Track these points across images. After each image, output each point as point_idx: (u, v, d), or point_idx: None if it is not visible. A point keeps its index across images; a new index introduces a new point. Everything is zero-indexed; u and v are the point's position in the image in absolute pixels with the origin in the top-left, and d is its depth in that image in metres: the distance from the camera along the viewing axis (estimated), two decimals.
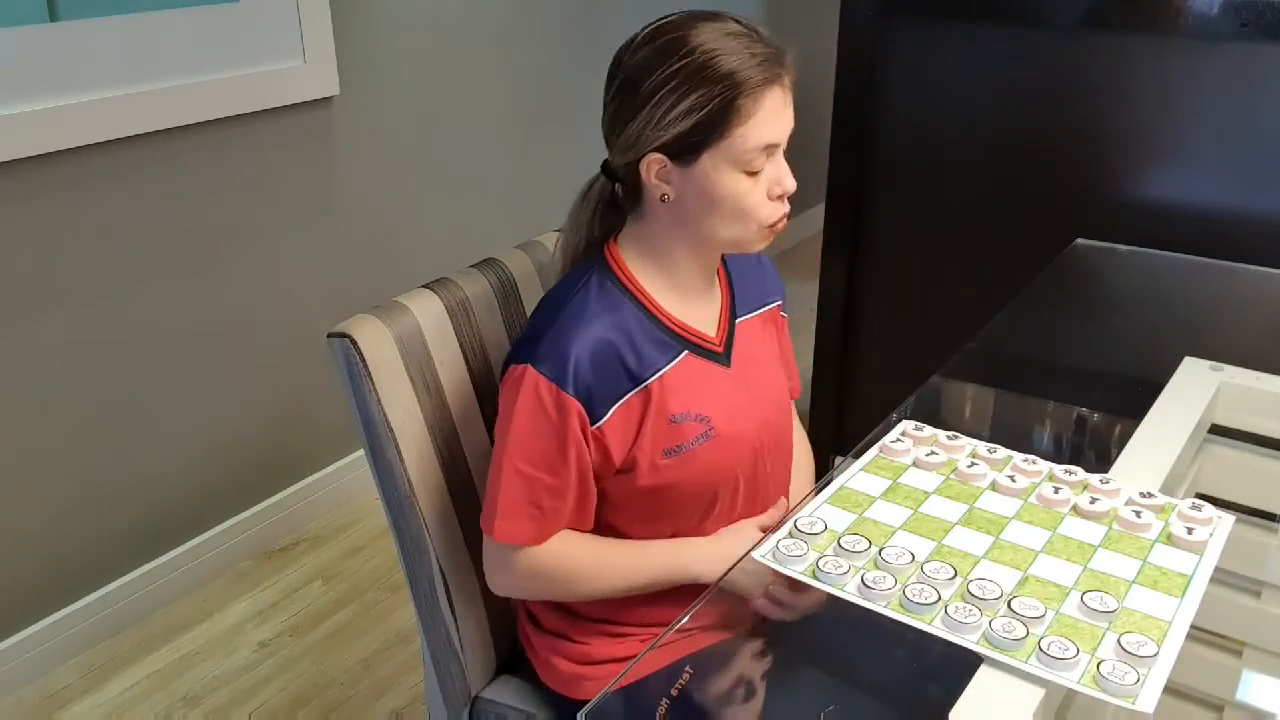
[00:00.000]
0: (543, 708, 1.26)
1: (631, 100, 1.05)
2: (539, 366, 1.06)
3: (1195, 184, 1.95)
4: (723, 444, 1.14)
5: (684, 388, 1.12)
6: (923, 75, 2.14)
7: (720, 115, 1.02)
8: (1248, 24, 1.80)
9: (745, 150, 1.04)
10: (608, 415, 1.08)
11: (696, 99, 1.02)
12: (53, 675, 1.98)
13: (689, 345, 1.13)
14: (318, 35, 2.17)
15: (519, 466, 1.08)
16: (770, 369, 1.24)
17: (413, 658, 2.03)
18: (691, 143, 1.04)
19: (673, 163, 1.05)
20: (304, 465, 2.44)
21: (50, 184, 1.82)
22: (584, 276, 1.12)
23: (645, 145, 1.05)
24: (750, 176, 1.06)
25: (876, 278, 2.35)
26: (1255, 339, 1.56)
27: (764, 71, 1.03)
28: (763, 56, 1.03)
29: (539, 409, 1.06)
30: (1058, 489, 1.09)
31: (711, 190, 1.06)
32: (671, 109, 1.03)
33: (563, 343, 1.06)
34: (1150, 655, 0.86)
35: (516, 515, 1.09)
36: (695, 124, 1.03)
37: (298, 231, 2.28)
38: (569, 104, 2.95)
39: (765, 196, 1.07)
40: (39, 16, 1.73)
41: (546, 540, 1.11)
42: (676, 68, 1.02)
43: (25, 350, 1.85)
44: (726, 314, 1.19)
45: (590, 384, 1.06)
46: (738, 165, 1.04)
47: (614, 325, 1.09)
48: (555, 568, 1.13)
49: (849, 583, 0.96)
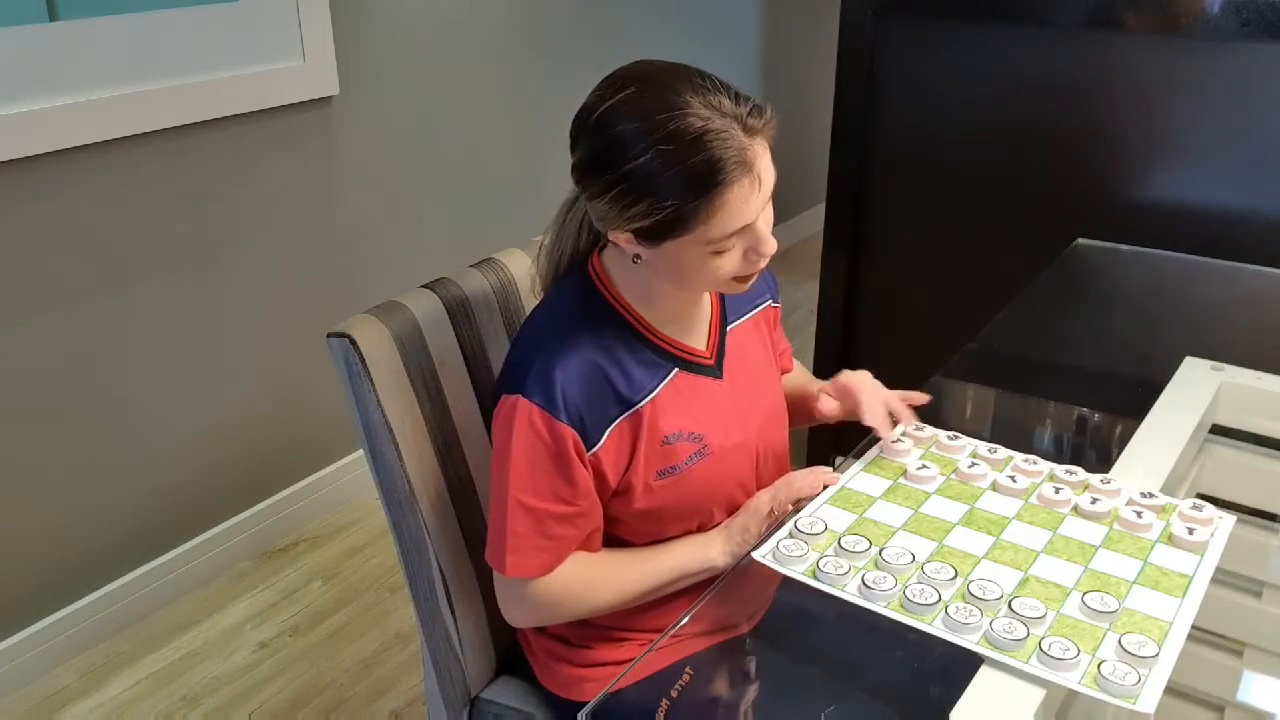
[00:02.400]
0: (542, 708, 1.26)
1: (601, 178, 1.00)
2: (531, 396, 1.04)
3: (1196, 184, 1.95)
4: (716, 460, 1.13)
5: (676, 407, 1.10)
6: (922, 75, 2.14)
7: (687, 215, 0.97)
8: (1248, 24, 1.80)
9: (712, 240, 0.99)
10: (601, 441, 1.06)
11: (663, 200, 0.97)
12: (52, 675, 1.98)
13: (679, 362, 1.12)
14: (317, 35, 2.17)
15: (523, 500, 1.06)
16: (764, 372, 1.23)
17: (413, 658, 2.02)
18: (653, 235, 1.00)
19: (638, 241, 1.02)
20: (304, 465, 2.44)
21: (50, 184, 1.82)
22: (570, 295, 1.11)
23: (610, 224, 1.02)
24: (721, 252, 1.01)
25: (876, 278, 2.35)
26: (1256, 339, 1.56)
27: (738, 166, 0.96)
28: (739, 145, 0.96)
29: (535, 439, 1.04)
30: (1058, 489, 1.09)
31: (678, 264, 1.03)
32: (637, 204, 0.98)
33: (551, 369, 1.04)
34: (1151, 656, 0.86)
35: (527, 550, 1.07)
36: (655, 223, 0.98)
37: (298, 231, 2.28)
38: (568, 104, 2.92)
39: (738, 261, 1.03)
40: (39, 16, 1.73)
41: (558, 568, 1.10)
42: (647, 160, 0.96)
43: (25, 349, 1.85)
44: (717, 323, 1.18)
45: (582, 410, 1.05)
46: (707, 248, 1.00)
47: (602, 348, 1.07)
48: (570, 589, 1.11)
49: (849, 583, 0.96)
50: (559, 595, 1.10)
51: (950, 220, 2.22)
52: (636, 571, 1.13)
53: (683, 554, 1.14)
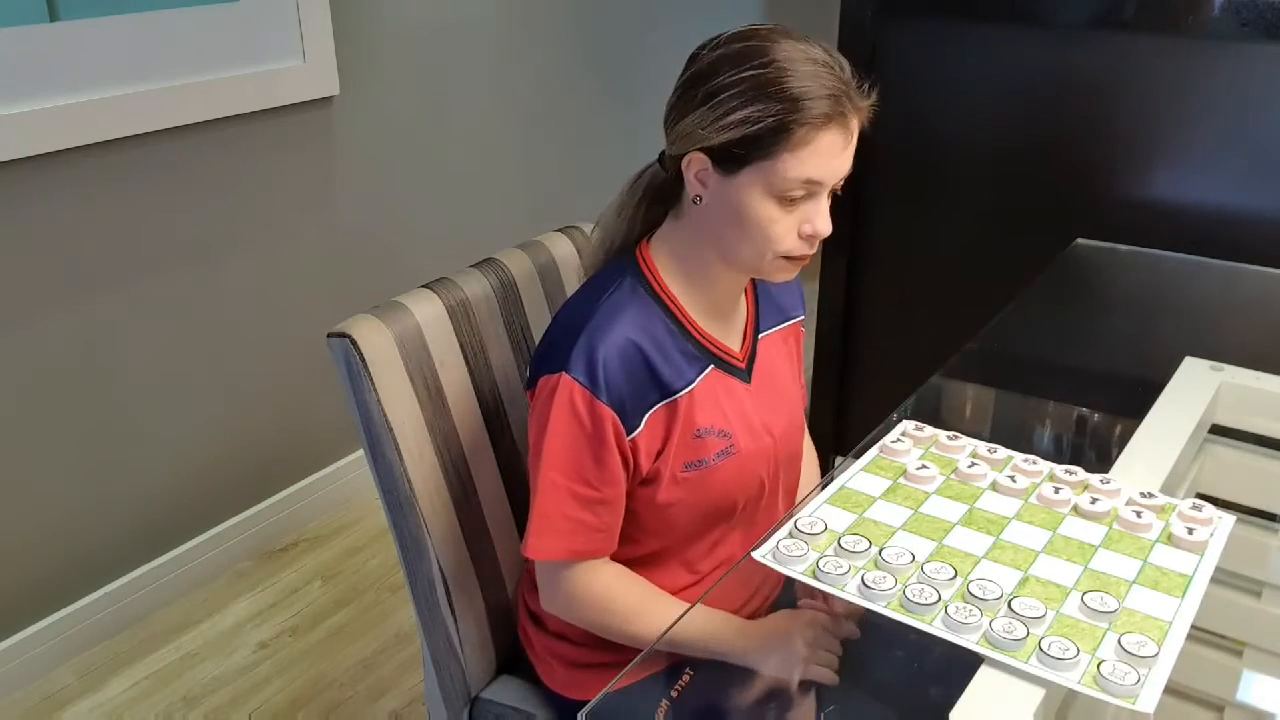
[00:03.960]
0: (542, 708, 1.26)
1: (694, 95, 1.02)
2: (573, 374, 1.03)
3: (1195, 184, 1.95)
4: (741, 460, 1.13)
5: (709, 402, 1.11)
6: (922, 75, 2.14)
7: (771, 136, 0.98)
8: (1248, 24, 1.80)
9: (785, 179, 0.99)
10: (640, 427, 1.06)
11: (753, 111, 0.98)
12: (52, 675, 1.98)
13: (715, 360, 1.12)
14: (317, 35, 2.17)
15: (555, 479, 1.05)
16: (788, 385, 1.23)
17: (413, 658, 2.03)
18: (736, 154, 1.00)
19: (714, 167, 1.02)
20: (304, 465, 2.44)
21: (50, 184, 1.82)
22: (617, 279, 1.10)
23: (694, 142, 1.02)
24: (783, 207, 1.01)
25: (876, 278, 2.35)
26: (1255, 339, 1.56)
27: (829, 106, 0.98)
28: (835, 92, 0.99)
29: (574, 419, 1.04)
30: (1058, 489, 1.09)
31: (740, 207, 1.02)
32: (727, 115, 0.99)
33: (595, 349, 1.04)
34: (1150, 655, 0.86)
35: (551, 531, 1.07)
36: (744, 136, 0.99)
37: (298, 231, 2.28)
38: (568, 103, 2.95)
39: (793, 230, 1.03)
40: (39, 16, 1.73)
41: (588, 559, 1.09)
42: (745, 75, 0.99)
43: (25, 349, 1.85)
44: (751, 329, 1.18)
45: (623, 392, 1.04)
46: (773, 191, 1.00)
47: (645, 333, 1.07)
48: (597, 597, 1.10)
49: (849, 583, 0.96)
50: (585, 595, 1.10)
51: (950, 220, 2.22)
52: (663, 614, 1.08)
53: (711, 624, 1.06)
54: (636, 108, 3.11)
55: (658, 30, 3.21)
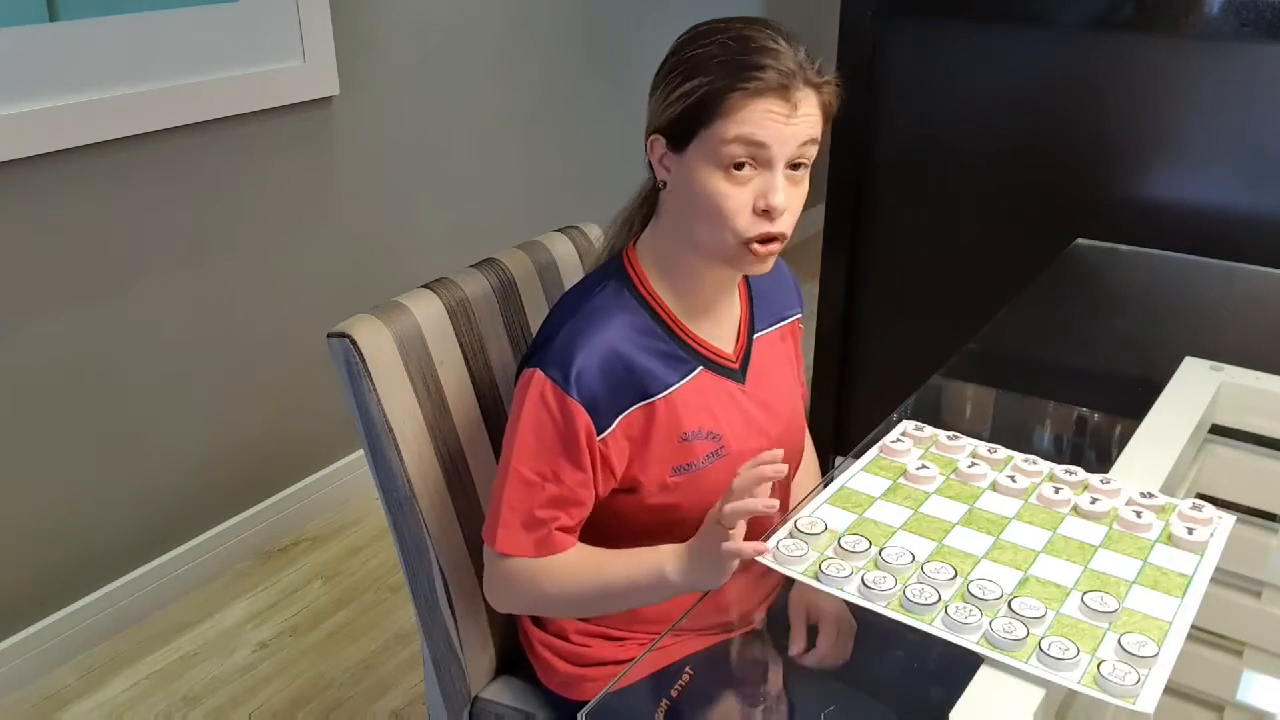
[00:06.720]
0: (542, 708, 1.26)
1: (663, 66, 1.06)
2: (547, 370, 1.04)
3: (1195, 184, 1.95)
4: (732, 462, 1.12)
5: (697, 405, 1.10)
6: (922, 75, 2.14)
7: (709, 103, 1.00)
8: (1248, 24, 1.80)
9: (722, 140, 0.99)
10: (611, 427, 1.06)
11: (693, 84, 1.01)
12: (52, 675, 1.98)
13: (704, 362, 1.12)
14: (317, 35, 2.17)
15: (523, 473, 1.06)
16: (785, 385, 1.22)
17: (413, 658, 2.03)
18: (683, 130, 1.03)
19: (668, 147, 1.05)
20: (304, 465, 2.44)
21: (50, 184, 1.82)
22: (601, 282, 1.11)
23: (651, 123, 1.07)
24: (731, 180, 1.01)
25: (876, 278, 2.35)
26: (1255, 339, 1.56)
27: (769, 75, 0.99)
28: (779, 65, 1.00)
29: (545, 414, 1.05)
30: (1058, 489, 1.09)
31: (692, 184, 1.03)
32: (673, 89, 1.03)
33: (572, 348, 1.05)
34: (1150, 655, 0.86)
35: (516, 524, 1.07)
36: (684, 109, 1.02)
37: (298, 231, 2.28)
38: (568, 103, 2.95)
39: (747, 206, 1.02)
40: (39, 16, 1.73)
41: (549, 556, 1.08)
42: (690, 54, 1.03)
43: (25, 350, 1.85)
44: (745, 328, 1.18)
45: (596, 392, 1.05)
46: (718, 161, 1.01)
47: (627, 336, 1.07)
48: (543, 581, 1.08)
49: (849, 583, 0.96)
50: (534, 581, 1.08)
51: (950, 220, 2.22)
52: (596, 569, 1.08)
53: (634, 563, 1.06)
54: (637, 107, 3.10)
55: (658, 30, 3.20)
